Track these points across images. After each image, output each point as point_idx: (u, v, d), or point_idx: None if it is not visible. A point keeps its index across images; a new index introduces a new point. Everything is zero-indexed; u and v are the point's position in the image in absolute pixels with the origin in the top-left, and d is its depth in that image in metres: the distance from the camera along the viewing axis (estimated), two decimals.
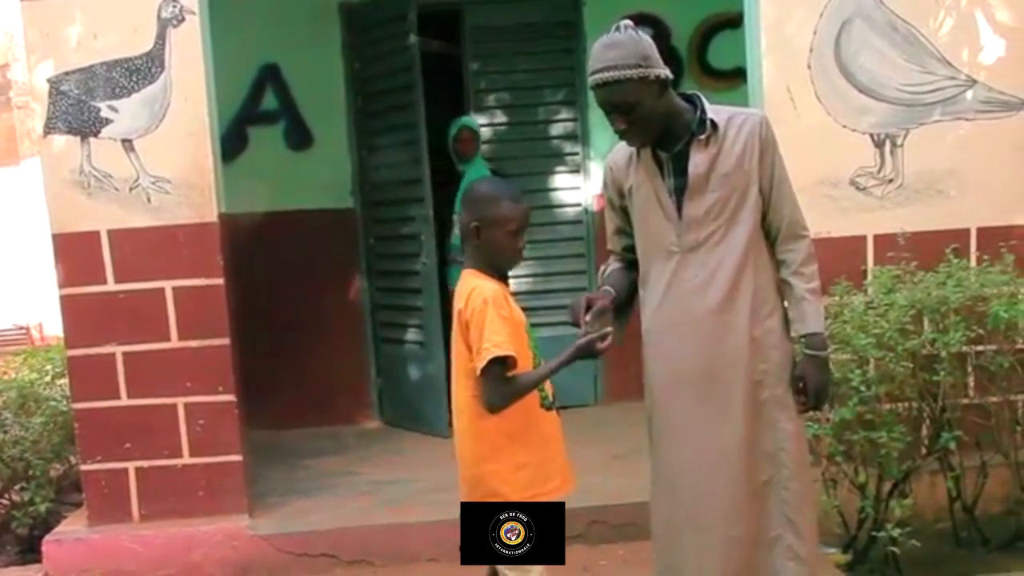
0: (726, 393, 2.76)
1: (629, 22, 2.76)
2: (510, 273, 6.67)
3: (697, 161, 2.73)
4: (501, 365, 2.56)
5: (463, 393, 2.68)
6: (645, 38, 2.73)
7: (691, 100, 2.81)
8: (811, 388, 2.78)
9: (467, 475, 2.71)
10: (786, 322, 2.83)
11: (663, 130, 2.75)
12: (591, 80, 2.73)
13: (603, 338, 2.64)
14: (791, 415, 2.81)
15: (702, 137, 2.73)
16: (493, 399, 2.60)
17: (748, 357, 2.76)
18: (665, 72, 2.70)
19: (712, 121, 2.73)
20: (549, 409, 2.73)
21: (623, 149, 2.88)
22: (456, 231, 5.19)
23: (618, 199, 2.93)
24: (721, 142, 2.73)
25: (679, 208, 2.76)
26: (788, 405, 2.80)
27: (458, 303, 2.66)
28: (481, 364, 2.56)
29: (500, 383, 2.59)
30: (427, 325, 5.66)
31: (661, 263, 2.81)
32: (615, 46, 2.70)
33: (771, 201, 2.78)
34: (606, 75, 2.67)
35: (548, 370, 2.68)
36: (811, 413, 3.02)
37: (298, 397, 5.95)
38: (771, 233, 2.81)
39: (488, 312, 2.58)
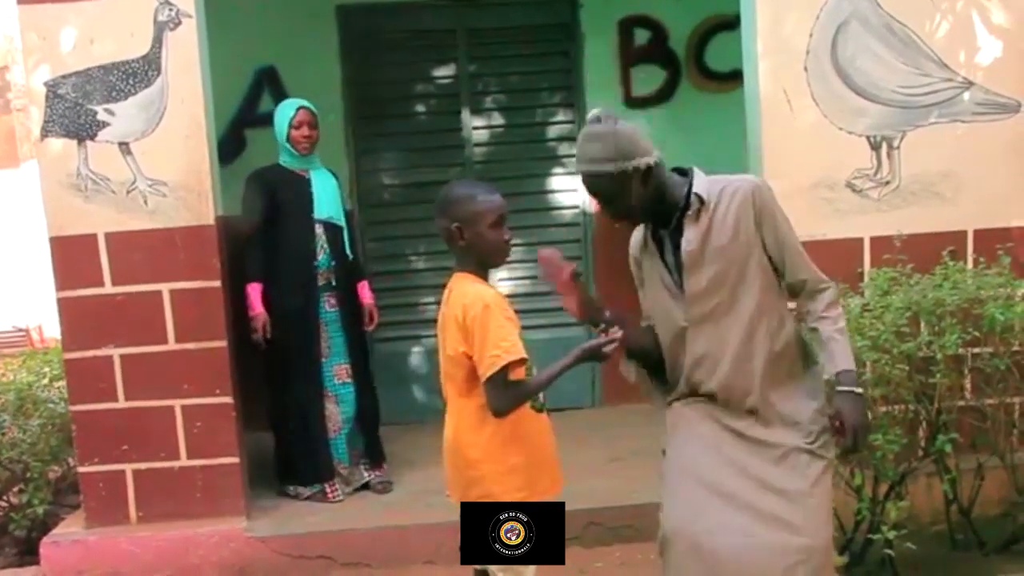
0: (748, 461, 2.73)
1: (609, 112, 2.69)
2: (508, 275, 6.70)
3: (689, 237, 2.70)
4: (507, 370, 2.57)
5: (457, 398, 2.69)
6: (625, 129, 2.66)
7: (685, 173, 2.77)
8: (849, 425, 2.66)
9: (461, 477, 2.72)
10: (815, 378, 2.80)
11: (656, 209, 2.73)
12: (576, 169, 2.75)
13: (611, 342, 2.65)
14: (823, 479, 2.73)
15: (691, 212, 2.69)
16: (500, 404, 2.61)
17: (764, 423, 2.73)
18: (647, 160, 2.64)
19: (698, 195, 2.68)
20: (540, 411, 2.74)
21: (639, 230, 2.87)
22: (323, 247, 4.71)
23: (640, 271, 2.91)
24: (712, 215, 2.68)
25: (681, 284, 2.74)
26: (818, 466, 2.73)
27: (453, 309, 2.65)
28: (492, 371, 2.56)
29: (506, 388, 2.60)
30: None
31: (673, 337, 2.80)
32: (594, 139, 2.65)
33: (785, 265, 2.74)
34: (585, 168, 2.68)
35: (555, 372, 2.68)
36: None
37: None
38: (793, 292, 2.80)
39: (491, 317, 2.58)
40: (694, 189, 2.70)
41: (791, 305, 2.84)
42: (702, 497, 2.70)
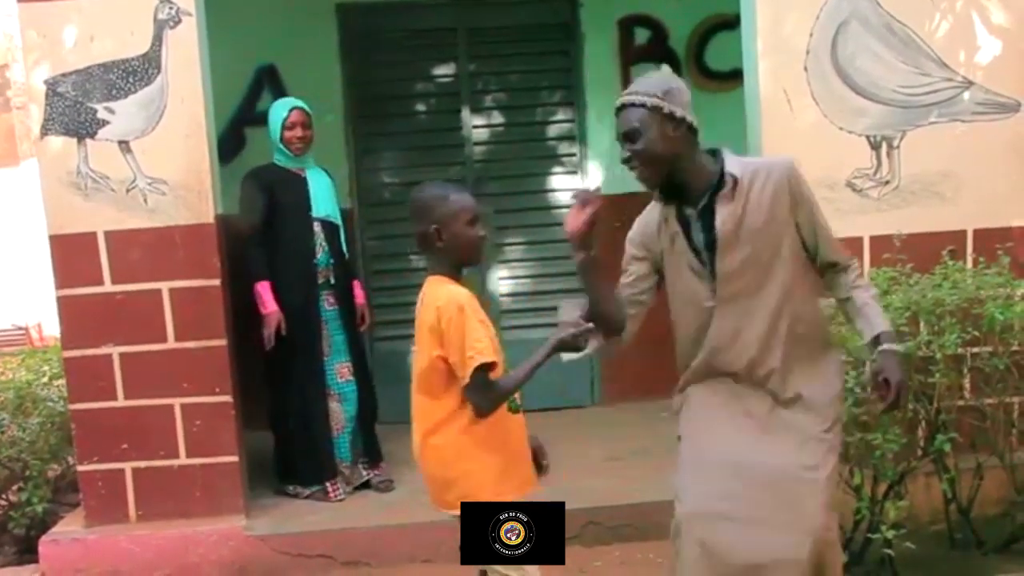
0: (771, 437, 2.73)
1: (665, 67, 2.79)
2: (509, 275, 6.69)
3: (724, 217, 2.69)
4: (485, 370, 2.57)
5: (430, 402, 2.67)
6: (676, 80, 2.74)
7: (715, 153, 2.78)
8: (893, 381, 2.68)
9: (437, 481, 2.72)
10: (836, 363, 2.85)
11: (676, 181, 2.73)
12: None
13: (584, 332, 2.65)
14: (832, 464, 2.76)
15: (725, 191, 2.69)
16: (482, 403, 2.61)
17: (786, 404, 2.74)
18: (683, 114, 2.68)
19: (732, 175, 2.69)
20: (516, 412, 2.74)
21: (653, 212, 2.86)
22: (321, 245, 4.70)
23: (641, 252, 2.89)
24: (747, 195, 2.69)
25: (712, 263, 2.73)
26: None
27: (427, 312, 2.64)
28: (469, 371, 2.56)
29: (487, 388, 2.60)
30: None
31: (695, 318, 2.79)
32: (641, 80, 2.76)
33: (818, 248, 2.78)
34: (621, 99, 2.73)
35: (532, 365, 2.66)
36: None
37: None
38: (824, 272, 2.83)
39: (466, 319, 2.58)
40: (727, 168, 2.70)
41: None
42: (716, 485, 2.69)
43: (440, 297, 2.62)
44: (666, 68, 2.79)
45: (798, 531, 2.62)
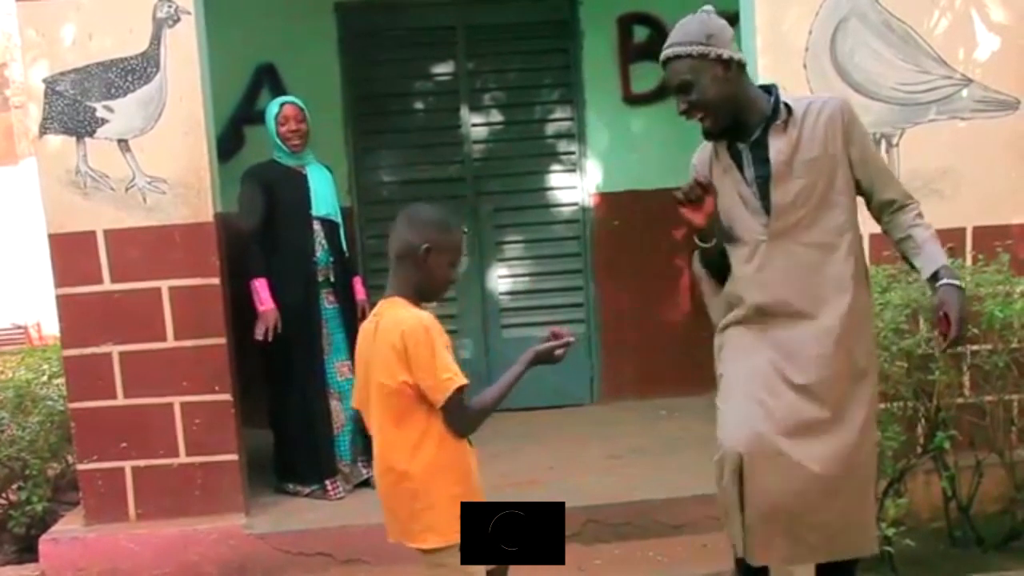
0: (821, 381, 2.73)
1: (707, 7, 2.75)
2: (508, 273, 6.66)
3: (779, 147, 2.70)
4: (461, 389, 2.51)
5: (392, 430, 2.57)
6: (716, 20, 2.71)
7: (768, 90, 2.79)
8: (955, 315, 2.66)
9: (401, 511, 2.63)
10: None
11: (736, 119, 2.73)
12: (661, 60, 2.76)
13: (564, 344, 2.60)
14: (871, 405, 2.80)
15: (779, 122, 2.70)
16: (463, 424, 2.56)
17: (839, 341, 2.71)
18: (731, 54, 2.67)
19: (787, 104, 2.71)
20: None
21: (706, 148, 2.87)
22: (321, 243, 4.71)
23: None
24: (800, 127, 2.70)
25: (765, 197, 2.73)
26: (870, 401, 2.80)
27: (388, 336, 2.52)
28: (447, 394, 2.48)
29: (465, 409, 2.55)
30: None
31: (748, 253, 2.77)
32: (681, 27, 2.72)
33: (874, 184, 2.77)
34: (668, 51, 2.70)
35: (510, 380, 2.60)
36: None
37: None
38: (881, 211, 2.82)
39: (435, 341, 2.50)
40: (783, 99, 2.72)
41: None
42: (761, 418, 2.68)
43: (404, 320, 2.52)
44: (702, 11, 2.74)
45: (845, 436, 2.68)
